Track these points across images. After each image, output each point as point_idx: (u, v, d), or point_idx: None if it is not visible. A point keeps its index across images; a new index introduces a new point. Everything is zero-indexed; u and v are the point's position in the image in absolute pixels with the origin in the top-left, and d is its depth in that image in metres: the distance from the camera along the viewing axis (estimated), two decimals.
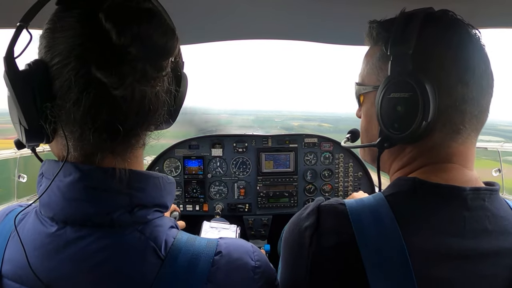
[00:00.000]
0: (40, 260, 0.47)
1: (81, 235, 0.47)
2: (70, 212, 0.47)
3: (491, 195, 0.54)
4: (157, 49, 0.46)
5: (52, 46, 0.46)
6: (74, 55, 0.44)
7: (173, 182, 0.56)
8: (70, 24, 0.45)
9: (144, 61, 0.45)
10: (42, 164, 0.52)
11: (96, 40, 0.44)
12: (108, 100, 0.45)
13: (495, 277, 0.50)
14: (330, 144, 2.03)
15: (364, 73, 0.66)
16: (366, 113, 0.66)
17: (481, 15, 0.96)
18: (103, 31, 0.43)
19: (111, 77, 0.44)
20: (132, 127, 0.49)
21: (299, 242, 0.56)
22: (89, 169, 0.48)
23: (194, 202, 1.99)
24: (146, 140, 0.54)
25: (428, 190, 0.53)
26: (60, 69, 0.45)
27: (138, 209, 0.49)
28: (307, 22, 1.16)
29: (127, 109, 0.47)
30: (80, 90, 0.44)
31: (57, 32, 0.46)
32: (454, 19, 0.58)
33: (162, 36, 0.46)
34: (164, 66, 0.49)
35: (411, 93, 0.53)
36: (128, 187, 0.49)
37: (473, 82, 0.54)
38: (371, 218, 0.52)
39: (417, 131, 0.54)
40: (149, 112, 0.49)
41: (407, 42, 0.55)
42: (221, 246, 0.52)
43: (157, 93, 0.49)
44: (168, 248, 0.49)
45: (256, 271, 0.53)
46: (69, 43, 0.45)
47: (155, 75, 0.47)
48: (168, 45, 0.47)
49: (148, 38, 0.45)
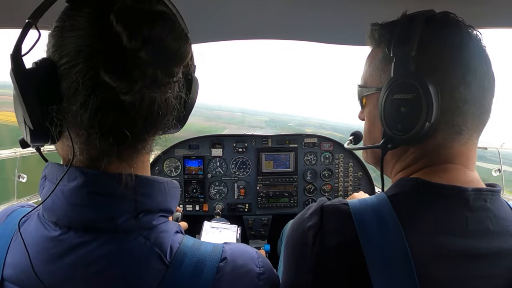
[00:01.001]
0: (43, 265, 0.46)
1: (84, 240, 0.46)
2: (73, 217, 0.47)
3: (493, 196, 0.54)
4: (169, 54, 0.44)
5: (61, 45, 0.45)
6: (83, 57, 0.43)
7: (177, 187, 0.56)
8: (79, 24, 0.44)
9: (155, 67, 0.44)
10: (45, 166, 0.51)
11: (105, 42, 0.43)
12: (116, 105, 0.44)
13: (496, 277, 0.50)
14: (330, 144, 2.03)
15: (366, 75, 0.66)
16: (369, 115, 0.67)
17: (481, 15, 0.96)
18: (113, 33, 0.42)
19: (120, 82, 0.42)
20: (140, 133, 0.48)
21: (302, 242, 0.56)
22: (94, 174, 0.47)
23: (194, 202, 1.99)
24: (153, 145, 0.53)
25: (430, 190, 0.54)
26: (67, 69, 0.44)
27: (144, 215, 0.48)
28: (310, 22, 1.16)
29: (135, 115, 0.45)
30: (88, 93, 0.43)
31: (65, 31, 0.45)
32: (455, 21, 0.58)
33: (174, 41, 0.44)
34: (175, 72, 0.47)
35: (414, 94, 0.54)
36: (133, 193, 0.48)
37: (475, 83, 0.55)
38: (374, 218, 0.52)
39: (421, 132, 0.54)
40: (158, 117, 0.48)
41: (410, 43, 0.55)
42: (226, 252, 0.52)
43: (167, 99, 0.48)
44: (173, 254, 0.48)
45: (260, 277, 0.53)
46: (78, 44, 0.43)
47: (166, 81, 0.46)
48: (181, 51, 0.45)
49: (160, 42, 0.43)
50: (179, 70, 0.48)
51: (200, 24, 1.16)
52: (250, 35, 1.34)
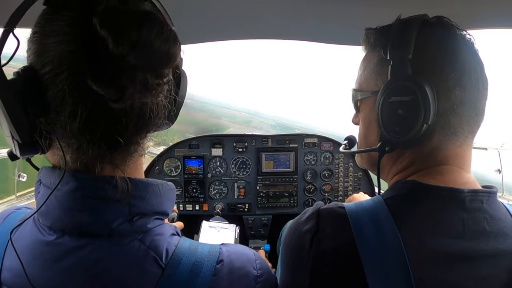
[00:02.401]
0: (39, 269, 0.46)
1: (79, 245, 0.45)
2: (67, 222, 0.46)
3: (489, 197, 0.54)
4: (158, 57, 0.42)
5: (42, 52, 0.42)
6: (67, 64, 0.40)
7: (172, 189, 0.55)
8: (60, 28, 0.41)
9: (145, 71, 0.42)
10: (40, 170, 0.51)
11: (90, 48, 0.40)
12: (107, 112, 0.42)
13: (494, 278, 0.50)
14: (330, 144, 2.03)
15: (361, 79, 0.66)
16: (365, 119, 0.67)
17: (473, 16, 0.97)
18: (98, 38, 0.39)
19: (109, 90, 0.40)
20: (132, 136, 0.47)
21: (299, 246, 0.56)
22: (87, 178, 0.46)
23: (194, 202, 1.99)
24: (146, 147, 0.52)
25: (427, 192, 0.54)
26: (52, 78, 0.41)
27: (138, 218, 0.48)
28: (310, 22, 1.17)
29: (127, 121, 0.44)
30: (75, 102, 0.41)
31: (45, 37, 0.42)
32: (449, 25, 0.59)
33: (163, 43, 0.42)
34: (165, 73, 0.45)
35: (412, 96, 0.54)
36: (127, 196, 0.47)
37: (470, 85, 0.55)
38: (371, 221, 0.52)
39: (418, 134, 0.54)
40: (150, 120, 0.47)
41: (406, 46, 0.55)
42: (223, 254, 0.52)
43: (158, 101, 0.47)
44: (169, 256, 0.48)
45: (258, 280, 0.52)
46: (61, 50, 0.41)
47: (157, 84, 0.44)
48: (170, 52, 0.43)
49: (148, 45, 0.40)
50: (169, 71, 0.47)
51: (197, 24, 1.16)
52: (250, 35, 1.34)
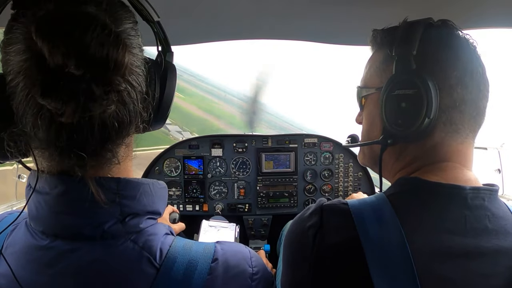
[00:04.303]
0: (33, 274, 0.45)
1: (73, 248, 0.45)
2: (59, 226, 0.46)
3: (491, 195, 0.54)
4: (97, 63, 0.38)
5: (5, 61, 0.41)
6: (22, 75, 0.39)
7: (164, 187, 0.54)
8: (16, 37, 0.39)
9: (88, 80, 0.38)
10: (30, 174, 0.50)
11: (33, 59, 0.38)
12: (65, 125, 0.40)
13: (495, 275, 0.50)
14: (330, 144, 2.03)
15: (367, 76, 0.68)
16: (368, 116, 0.68)
17: (473, 16, 0.98)
18: (38, 48, 0.36)
19: (55, 103, 0.37)
20: (102, 146, 0.45)
21: (302, 242, 0.56)
22: (73, 181, 0.45)
23: (194, 202, 1.99)
24: (128, 151, 0.51)
25: (429, 189, 0.54)
26: (13, 88, 0.40)
27: (130, 218, 0.47)
28: (310, 22, 1.17)
29: (87, 133, 0.41)
30: (34, 114, 0.40)
31: (7, 45, 0.40)
32: (453, 28, 0.61)
33: (100, 47, 0.37)
34: (116, 80, 0.41)
35: (415, 89, 0.55)
36: (117, 196, 0.46)
37: (472, 84, 0.56)
38: (374, 216, 0.52)
39: (420, 128, 0.55)
40: (120, 127, 0.44)
41: (412, 43, 0.57)
42: (218, 252, 0.51)
43: (120, 109, 0.43)
44: (163, 256, 0.48)
45: (253, 277, 0.52)
46: (17, 60, 0.39)
47: (107, 92, 0.40)
48: (109, 57, 0.38)
49: (83, 51, 0.37)
50: (123, 74, 0.42)
51: (198, 24, 1.16)
52: (250, 35, 1.34)
